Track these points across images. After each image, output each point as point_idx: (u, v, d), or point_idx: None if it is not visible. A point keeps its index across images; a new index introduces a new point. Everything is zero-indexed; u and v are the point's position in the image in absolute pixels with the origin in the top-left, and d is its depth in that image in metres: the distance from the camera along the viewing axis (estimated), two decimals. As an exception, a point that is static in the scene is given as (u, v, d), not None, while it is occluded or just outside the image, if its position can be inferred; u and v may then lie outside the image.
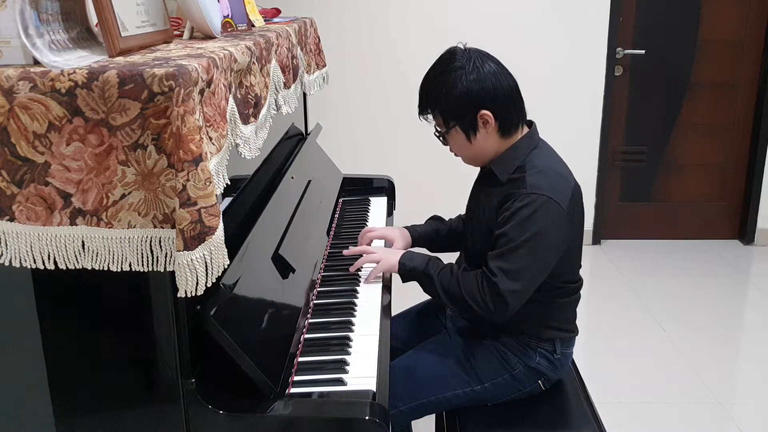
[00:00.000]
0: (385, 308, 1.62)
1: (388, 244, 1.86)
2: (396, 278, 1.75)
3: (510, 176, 1.55)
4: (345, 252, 1.76)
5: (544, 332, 1.61)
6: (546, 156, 1.59)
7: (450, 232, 1.88)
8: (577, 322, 1.70)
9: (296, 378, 1.31)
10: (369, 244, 1.84)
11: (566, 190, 1.52)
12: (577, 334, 1.70)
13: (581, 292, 1.69)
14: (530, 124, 1.64)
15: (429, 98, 1.57)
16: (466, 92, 1.50)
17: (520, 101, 1.58)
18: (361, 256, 1.72)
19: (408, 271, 1.62)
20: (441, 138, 1.61)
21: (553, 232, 1.48)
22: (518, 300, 1.49)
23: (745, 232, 3.95)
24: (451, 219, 1.92)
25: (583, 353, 2.79)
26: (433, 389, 1.61)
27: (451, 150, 1.63)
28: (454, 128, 1.55)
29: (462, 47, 1.58)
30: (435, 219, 1.94)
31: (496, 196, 1.56)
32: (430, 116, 1.60)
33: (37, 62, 1.02)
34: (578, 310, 1.69)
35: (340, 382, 1.30)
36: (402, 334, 1.84)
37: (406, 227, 1.89)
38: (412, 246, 1.86)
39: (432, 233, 1.89)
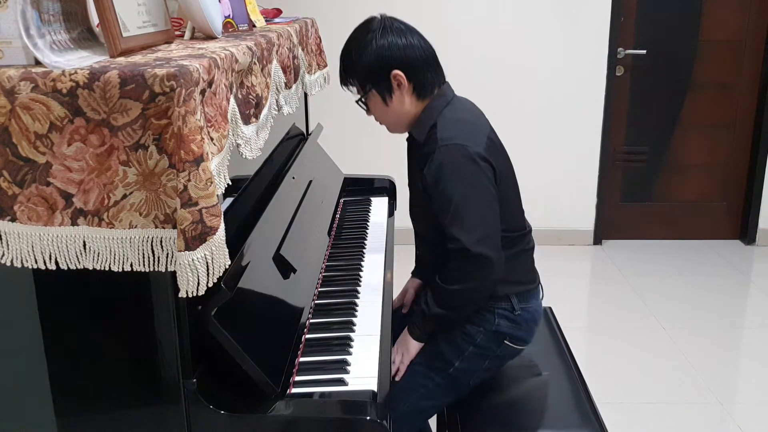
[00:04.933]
0: (386, 308, 1.62)
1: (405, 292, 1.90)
2: (396, 278, 1.75)
3: (426, 136, 1.57)
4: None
5: (496, 290, 1.58)
6: (457, 109, 1.61)
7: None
8: (578, 319, 1.70)
9: (297, 378, 1.31)
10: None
11: (479, 136, 1.53)
12: (536, 286, 1.68)
13: (535, 250, 1.71)
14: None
15: (345, 66, 1.62)
16: (376, 55, 1.55)
17: (435, 65, 1.61)
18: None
19: (423, 333, 1.61)
20: (363, 105, 1.64)
21: (480, 173, 1.49)
22: (493, 245, 1.49)
23: (746, 233, 3.95)
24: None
25: (584, 353, 2.78)
26: (409, 393, 1.61)
27: (376, 119, 1.66)
28: (371, 92, 1.59)
29: (378, 16, 1.62)
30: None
31: (418, 159, 1.59)
32: (352, 87, 1.64)
33: (38, 62, 1.02)
34: (578, 307, 1.69)
35: (342, 382, 1.30)
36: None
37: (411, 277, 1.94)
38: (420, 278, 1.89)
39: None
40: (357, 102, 1.65)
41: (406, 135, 1.69)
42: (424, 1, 3.60)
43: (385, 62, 1.55)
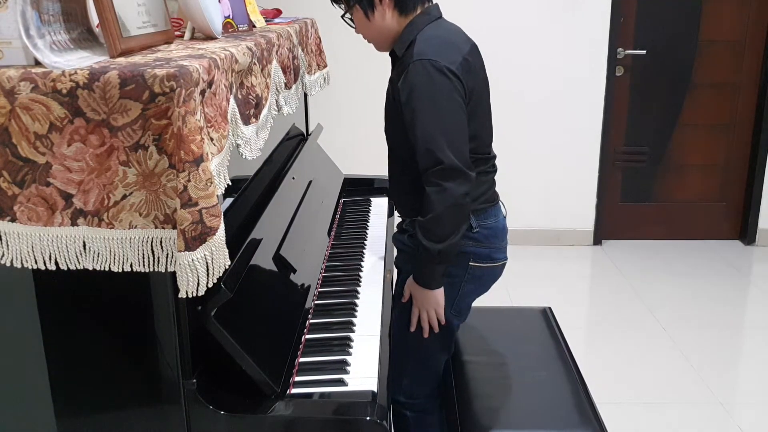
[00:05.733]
0: (386, 308, 1.62)
1: None
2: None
3: (405, 50, 1.59)
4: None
5: None
6: (439, 28, 1.62)
7: None
8: (578, 320, 1.70)
9: (297, 378, 1.31)
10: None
11: (454, 54, 1.54)
12: (494, 205, 1.70)
13: (498, 178, 1.73)
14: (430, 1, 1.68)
15: None
16: None
17: None
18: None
19: (435, 278, 1.60)
20: (349, 21, 1.67)
21: (449, 85, 1.50)
22: (462, 155, 1.49)
23: (746, 233, 3.95)
24: None
25: (583, 353, 2.78)
26: (408, 352, 1.66)
27: (364, 36, 1.68)
28: (355, 7, 1.61)
29: None
30: None
31: (397, 72, 1.60)
32: (341, 4, 1.65)
33: (38, 63, 1.02)
34: (578, 308, 1.69)
35: (341, 382, 1.30)
36: None
37: None
38: None
39: None
40: (342, 17, 1.67)
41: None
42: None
43: None
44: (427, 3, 1.63)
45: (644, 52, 3.72)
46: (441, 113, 1.49)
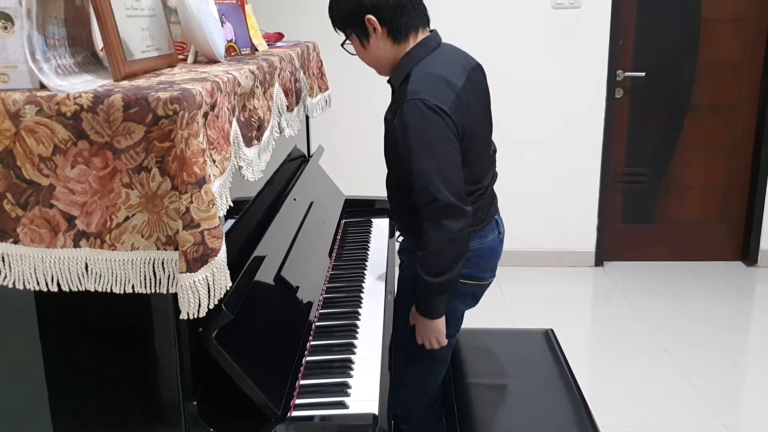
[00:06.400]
0: (387, 330, 1.61)
1: None
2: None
3: (400, 85, 1.62)
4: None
5: None
6: (435, 63, 1.63)
7: None
8: (580, 342, 1.70)
9: (298, 401, 1.31)
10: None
11: (446, 93, 1.56)
12: (481, 226, 1.72)
13: (489, 202, 1.77)
14: (431, 31, 1.70)
15: (332, 13, 1.69)
16: (351, 1, 1.62)
17: (411, 9, 1.64)
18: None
19: (437, 309, 1.65)
20: (349, 48, 1.71)
21: (441, 124, 1.52)
22: (457, 192, 1.52)
23: (748, 254, 3.94)
24: None
25: (586, 376, 2.77)
26: (407, 358, 1.70)
27: (367, 63, 1.72)
28: (351, 35, 1.66)
29: None
30: None
31: (392, 105, 1.63)
32: (340, 32, 1.69)
33: (43, 86, 1.03)
34: (580, 330, 1.69)
35: (342, 405, 1.30)
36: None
37: None
38: None
39: None
40: (342, 46, 1.71)
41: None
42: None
43: (359, 8, 1.61)
44: (422, 32, 1.66)
45: (643, 74, 3.74)
46: (435, 152, 1.53)
